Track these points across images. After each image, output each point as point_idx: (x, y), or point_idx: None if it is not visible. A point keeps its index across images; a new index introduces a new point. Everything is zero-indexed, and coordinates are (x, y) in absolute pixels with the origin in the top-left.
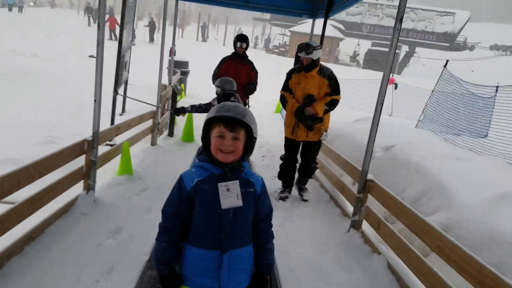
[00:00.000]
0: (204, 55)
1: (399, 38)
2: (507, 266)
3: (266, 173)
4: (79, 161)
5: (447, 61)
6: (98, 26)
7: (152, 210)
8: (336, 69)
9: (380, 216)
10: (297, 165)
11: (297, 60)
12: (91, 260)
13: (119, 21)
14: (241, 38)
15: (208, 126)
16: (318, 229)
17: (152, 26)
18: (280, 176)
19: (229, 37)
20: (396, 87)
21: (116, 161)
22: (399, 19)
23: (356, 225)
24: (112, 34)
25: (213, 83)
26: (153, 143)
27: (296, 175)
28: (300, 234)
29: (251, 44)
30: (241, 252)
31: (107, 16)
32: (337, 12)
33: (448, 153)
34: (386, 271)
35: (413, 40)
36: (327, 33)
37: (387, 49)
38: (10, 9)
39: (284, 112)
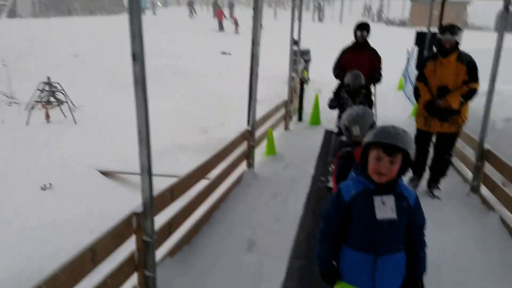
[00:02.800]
0: (321, 37)
1: None
2: None
3: None
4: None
5: None
6: (251, 74)
7: (297, 181)
8: (465, 35)
9: (496, 180)
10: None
11: (419, 36)
12: (264, 213)
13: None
14: (361, 27)
15: (367, 147)
16: (441, 194)
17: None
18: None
19: (345, 13)
20: None
21: (262, 145)
22: (505, 7)
23: (474, 189)
24: (220, 25)
25: (334, 75)
26: (286, 128)
27: (427, 176)
28: (425, 197)
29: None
30: (394, 257)
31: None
32: None
33: None
34: (499, 224)
35: None
36: None
37: None
38: (143, 13)
39: (407, 89)
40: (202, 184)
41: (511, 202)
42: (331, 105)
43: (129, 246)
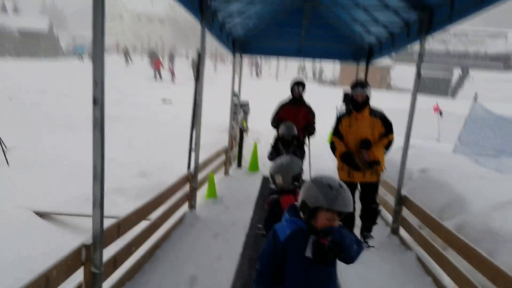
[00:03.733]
0: (259, 92)
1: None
2: (498, 252)
3: None
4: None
5: (476, 93)
6: (195, 103)
7: (236, 223)
8: (388, 96)
9: (412, 222)
10: (358, 209)
11: (346, 95)
12: (205, 251)
13: (162, 63)
14: (298, 83)
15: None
16: (374, 242)
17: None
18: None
19: (281, 71)
20: (441, 115)
21: (203, 188)
22: (417, 73)
23: (394, 231)
24: (157, 74)
25: (273, 126)
26: (226, 173)
27: (359, 223)
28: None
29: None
30: None
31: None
32: (378, 58)
33: (473, 173)
34: (415, 262)
35: (466, 63)
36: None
37: (437, 75)
38: (81, 59)
39: None
40: (145, 223)
41: (425, 242)
42: (271, 158)
43: (74, 280)
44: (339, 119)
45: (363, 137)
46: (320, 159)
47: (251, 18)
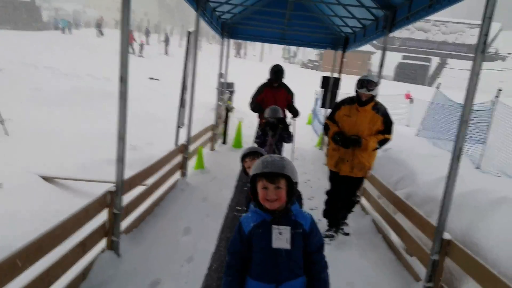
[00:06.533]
0: (244, 72)
1: (430, 50)
2: (435, 213)
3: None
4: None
5: (439, 83)
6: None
7: (222, 190)
8: None
9: (371, 193)
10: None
11: (324, 80)
12: (195, 212)
13: (134, 36)
14: (275, 75)
15: (254, 180)
16: (350, 229)
17: (167, 41)
18: (326, 214)
19: (266, 52)
20: (412, 102)
21: (191, 160)
22: (380, 65)
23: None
24: (130, 48)
25: (251, 109)
26: (212, 148)
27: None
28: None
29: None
30: (295, 283)
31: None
32: (353, 48)
33: (428, 153)
34: (371, 223)
35: (444, 52)
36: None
37: (417, 62)
38: (63, 32)
39: (315, 124)
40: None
41: (380, 208)
42: (259, 142)
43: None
44: (338, 105)
45: (358, 133)
46: (298, 139)
47: (238, 6)
